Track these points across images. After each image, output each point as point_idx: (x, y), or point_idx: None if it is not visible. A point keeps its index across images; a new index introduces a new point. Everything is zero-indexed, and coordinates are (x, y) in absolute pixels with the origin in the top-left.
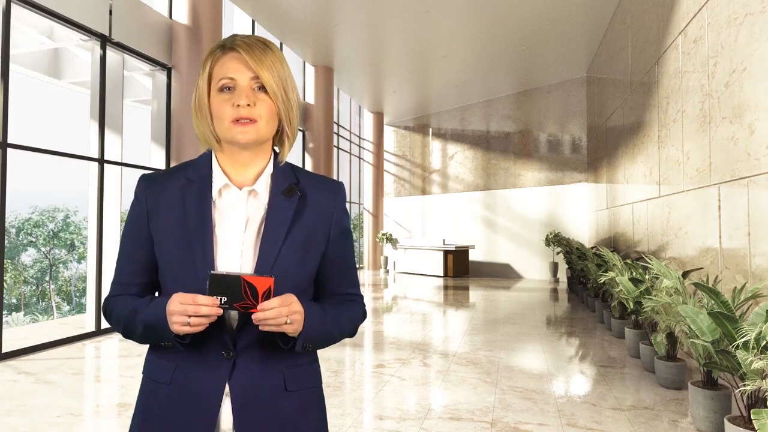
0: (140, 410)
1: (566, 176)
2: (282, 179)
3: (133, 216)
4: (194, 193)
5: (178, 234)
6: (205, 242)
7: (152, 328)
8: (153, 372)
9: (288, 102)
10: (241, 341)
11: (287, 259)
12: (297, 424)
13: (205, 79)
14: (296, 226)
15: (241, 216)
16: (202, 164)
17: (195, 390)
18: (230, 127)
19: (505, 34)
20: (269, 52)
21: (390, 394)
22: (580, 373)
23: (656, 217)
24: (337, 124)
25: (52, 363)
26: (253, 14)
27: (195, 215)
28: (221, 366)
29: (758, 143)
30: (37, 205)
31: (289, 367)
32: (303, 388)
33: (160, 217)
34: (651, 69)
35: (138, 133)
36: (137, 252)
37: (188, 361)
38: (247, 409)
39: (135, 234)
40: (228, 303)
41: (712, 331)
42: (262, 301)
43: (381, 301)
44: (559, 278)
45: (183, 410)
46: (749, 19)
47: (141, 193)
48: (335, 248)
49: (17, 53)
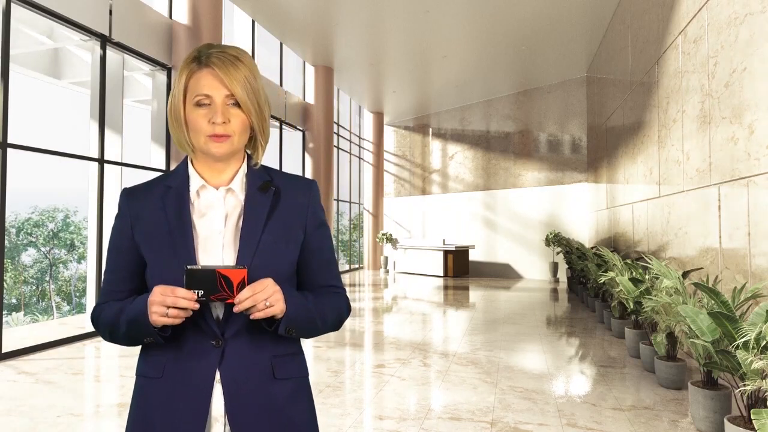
0: (134, 407)
1: (566, 176)
2: (257, 178)
3: (116, 227)
4: (173, 196)
5: (160, 235)
6: (186, 239)
7: (135, 323)
8: (145, 369)
9: (260, 113)
10: (229, 330)
11: (267, 249)
12: (286, 411)
13: (180, 90)
14: (273, 218)
15: (220, 213)
16: (180, 171)
17: (186, 380)
18: (206, 140)
19: (505, 34)
20: (242, 66)
21: (390, 394)
22: (580, 373)
23: (656, 217)
24: (337, 124)
25: (52, 363)
26: (253, 14)
27: (174, 216)
28: (211, 354)
29: (758, 143)
30: (37, 205)
31: (276, 356)
32: (291, 377)
33: (144, 223)
34: (651, 69)
35: (138, 133)
36: (122, 260)
37: (179, 354)
38: (237, 396)
39: (119, 244)
40: (205, 296)
41: (712, 331)
42: (237, 291)
43: (381, 301)
44: (559, 278)
45: (175, 400)
46: (749, 19)
47: (123, 205)
48: (313, 240)
49: (17, 53)
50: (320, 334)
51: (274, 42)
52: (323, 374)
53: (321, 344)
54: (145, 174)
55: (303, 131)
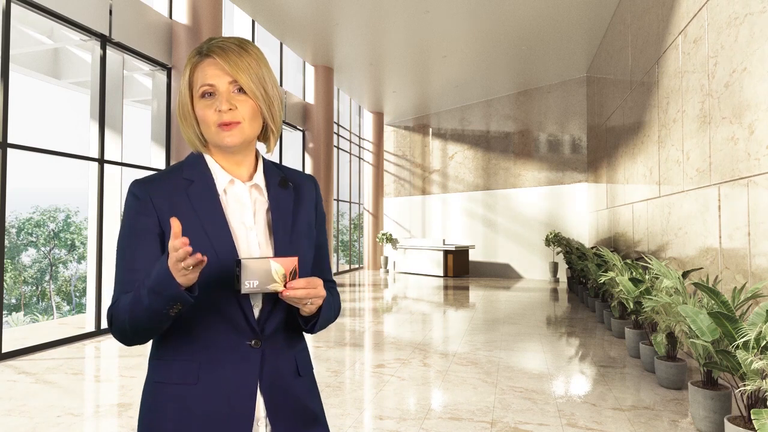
0: (160, 417)
1: (566, 176)
2: (273, 173)
3: (135, 219)
4: (199, 191)
5: (192, 229)
6: (224, 234)
7: (159, 288)
8: (171, 377)
9: (268, 99)
10: (268, 327)
11: (298, 243)
12: (309, 406)
13: (186, 85)
14: (297, 214)
15: (249, 207)
16: (196, 164)
17: (227, 385)
18: (217, 131)
19: (505, 34)
20: (244, 53)
21: (390, 394)
22: (580, 373)
23: (656, 217)
24: (337, 124)
25: (52, 363)
26: (253, 14)
27: (207, 212)
28: (251, 356)
29: (758, 143)
30: (38, 205)
31: (299, 351)
32: (308, 372)
33: (169, 216)
34: (651, 69)
35: (138, 133)
36: (145, 255)
37: (213, 358)
38: (275, 396)
39: (142, 236)
40: (260, 286)
41: (712, 331)
42: (289, 280)
43: (381, 301)
44: (559, 278)
45: (217, 407)
46: (749, 19)
47: (143, 193)
48: (320, 235)
49: (17, 53)
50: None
51: (274, 42)
52: (323, 374)
53: (321, 344)
54: (144, 174)
55: (303, 131)
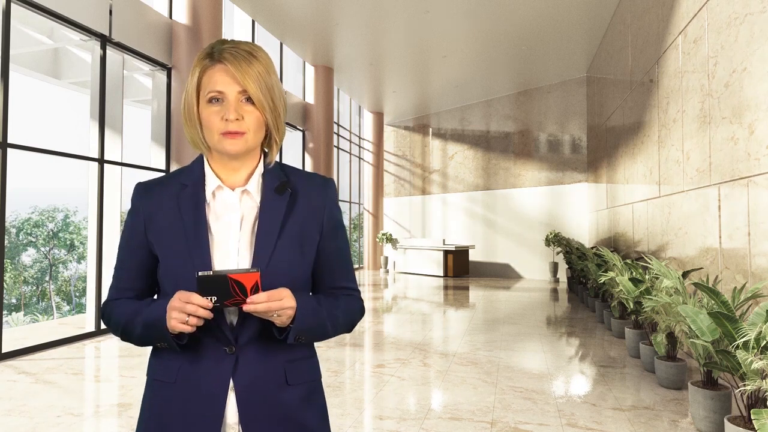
0: (146, 410)
1: (566, 176)
2: (273, 178)
3: (130, 224)
4: (188, 196)
5: (174, 236)
6: (201, 242)
7: (152, 327)
8: (158, 373)
9: (275, 110)
10: (243, 336)
11: (283, 254)
12: (300, 417)
13: (193, 87)
14: (290, 221)
15: (236, 215)
16: (195, 169)
17: (200, 387)
18: (220, 139)
19: (505, 34)
20: (255, 62)
21: (390, 394)
22: (580, 373)
23: (656, 217)
24: (337, 124)
25: (52, 363)
26: (253, 14)
27: (190, 217)
28: (224, 361)
29: (758, 143)
30: (37, 205)
31: (289, 361)
32: (303, 381)
33: (158, 222)
34: (651, 69)
35: (138, 133)
36: (134, 258)
37: (192, 359)
38: (251, 403)
39: (132, 241)
40: (219, 301)
41: (712, 331)
42: (251, 295)
43: (381, 301)
44: (559, 278)
45: (189, 407)
46: (749, 19)
47: (138, 201)
48: (329, 241)
49: (17, 53)
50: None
51: (274, 42)
52: (323, 374)
53: (321, 344)
54: (145, 174)
55: (303, 131)
